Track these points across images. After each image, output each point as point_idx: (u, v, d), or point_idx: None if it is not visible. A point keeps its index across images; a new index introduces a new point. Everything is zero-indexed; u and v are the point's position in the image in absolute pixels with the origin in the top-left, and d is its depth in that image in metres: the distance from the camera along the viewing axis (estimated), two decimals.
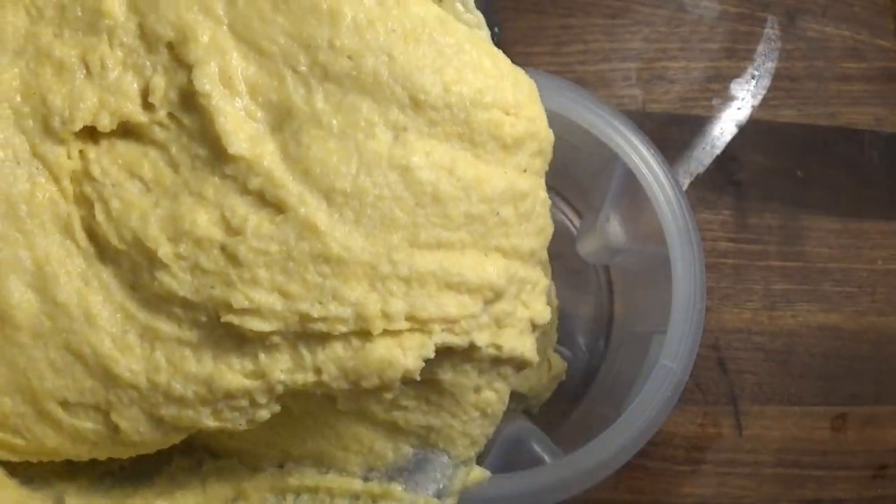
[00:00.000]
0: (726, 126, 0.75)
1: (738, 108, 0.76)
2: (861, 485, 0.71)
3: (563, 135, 0.61)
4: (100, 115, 0.36)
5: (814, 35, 0.78)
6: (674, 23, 0.77)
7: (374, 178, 0.35)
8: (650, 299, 0.66)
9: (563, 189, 0.73)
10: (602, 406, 0.67)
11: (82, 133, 0.36)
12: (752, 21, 0.77)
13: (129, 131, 0.37)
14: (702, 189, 0.74)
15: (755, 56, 0.77)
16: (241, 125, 0.35)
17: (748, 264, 0.74)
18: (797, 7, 0.78)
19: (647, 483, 0.70)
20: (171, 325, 0.36)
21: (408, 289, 0.36)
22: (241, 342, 0.36)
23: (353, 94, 0.36)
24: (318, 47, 0.36)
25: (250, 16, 0.36)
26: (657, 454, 0.70)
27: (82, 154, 0.37)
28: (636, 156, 0.59)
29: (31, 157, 0.36)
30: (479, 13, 0.39)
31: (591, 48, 0.75)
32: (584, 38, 0.76)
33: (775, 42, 0.77)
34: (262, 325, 0.35)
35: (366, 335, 0.36)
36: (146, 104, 0.36)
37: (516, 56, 0.73)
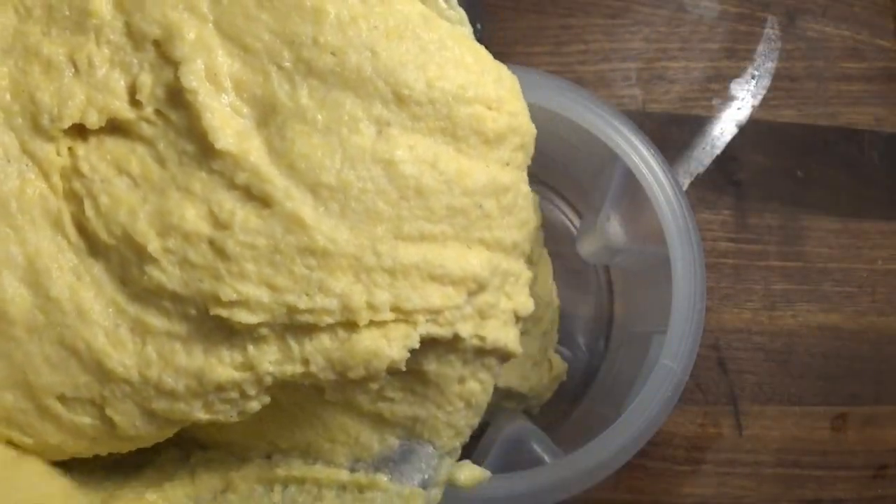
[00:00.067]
0: (726, 126, 0.75)
1: (738, 108, 0.75)
2: (861, 485, 0.70)
3: (563, 135, 0.61)
4: (88, 112, 0.36)
5: (814, 35, 0.77)
6: (674, 23, 0.76)
7: (359, 172, 0.36)
8: (650, 299, 0.65)
9: (563, 189, 0.73)
10: (602, 406, 0.67)
11: (71, 130, 0.37)
12: (752, 21, 0.77)
13: (116, 128, 0.37)
14: (702, 189, 0.74)
15: (755, 56, 0.77)
16: (227, 121, 0.36)
17: (748, 264, 0.73)
18: (797, 7, 0.78)
19: (647, 483, 0.69)
20: (161, 319, 0.36)
21: (392, 280, 0.36)
22: (230, 335, 0.36)
23: (336, 89, 0.36)
24: (301, 44, 0.36)
25: (235, 13, 0.36)
26: (657, 454, 0.69)
27: (71, 151, 0.37)
28: (636, 156, 0.59)
29: (20, 155, 0.37)
30: (461, 10, 0.40)
31: (591, 48, 0.75)
32: (584, 38, 0.75)
33: (775, 42, 0.77)
34: (251, 318, 0.35)
35: (352, 326, 0.36)
36: (133, 101, 0.37)
37: (516, 56, 0.75)
